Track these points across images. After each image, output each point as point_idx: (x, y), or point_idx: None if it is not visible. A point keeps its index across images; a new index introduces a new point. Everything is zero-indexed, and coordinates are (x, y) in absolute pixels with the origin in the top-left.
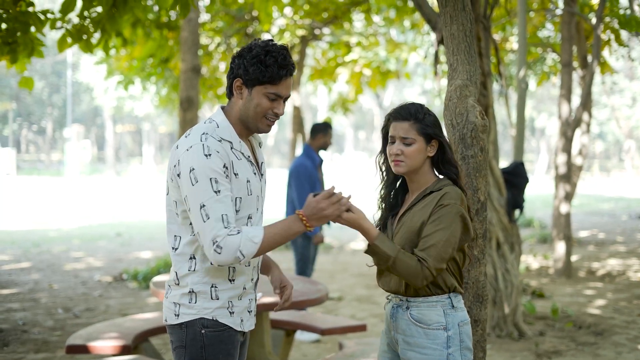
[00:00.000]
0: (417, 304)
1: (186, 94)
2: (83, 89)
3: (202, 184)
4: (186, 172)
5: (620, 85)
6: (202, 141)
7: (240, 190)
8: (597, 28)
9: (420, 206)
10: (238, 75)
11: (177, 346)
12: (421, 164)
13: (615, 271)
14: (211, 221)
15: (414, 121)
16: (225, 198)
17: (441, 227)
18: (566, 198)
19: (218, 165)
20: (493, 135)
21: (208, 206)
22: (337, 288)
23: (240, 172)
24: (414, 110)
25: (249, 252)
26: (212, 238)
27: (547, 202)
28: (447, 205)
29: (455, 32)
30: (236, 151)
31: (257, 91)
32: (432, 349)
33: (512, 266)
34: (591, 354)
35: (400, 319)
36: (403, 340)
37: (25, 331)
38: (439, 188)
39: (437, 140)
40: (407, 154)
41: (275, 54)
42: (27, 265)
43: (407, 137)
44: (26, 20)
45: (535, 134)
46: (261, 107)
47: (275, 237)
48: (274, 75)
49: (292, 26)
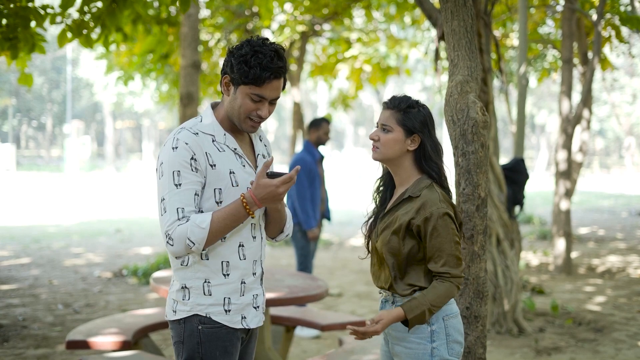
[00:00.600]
0: (401, 299)
1: (186, 90)
2: (83, 85)
3: (165, 177)
4: (158, 166)
5: (620, 82)
6: (175, 134)
7: (220, 181)
8: (597, 25)
9: (401, 212)
10: (226, 72)
11: (176, 341)
12: (398, 154)
13: (615, 268)
14: (167, 214)
15: (396, 110)
16: (186, 191)
17: (441, 237)
18: (566, 195)
19: (183, 158)
20: (493, 131)
21: (167, 199)
22: (337, 284)
23: (219, 163)
24: (399, 101)
25: (197, 239)
26: (166, 231)
27: (547, 199)
28: (431, 215)
29: (456, 28)
30: (218, 144)
31: (241, 91)
32: (416, 343)
33: (512, 262)
34: (591, 350)
35: None
36: (391, 334)
37: (25, 327)
38: (417, 194)
39: (419, 135)
40: (382, 140)
41: (262, 56)
42: (27, 261)
43: (385, 124)
44: (26, 15)
45: (535, 130)
46: (244, 107)
47: (225, 221)
48: (257, 77)
49: (292, 22)
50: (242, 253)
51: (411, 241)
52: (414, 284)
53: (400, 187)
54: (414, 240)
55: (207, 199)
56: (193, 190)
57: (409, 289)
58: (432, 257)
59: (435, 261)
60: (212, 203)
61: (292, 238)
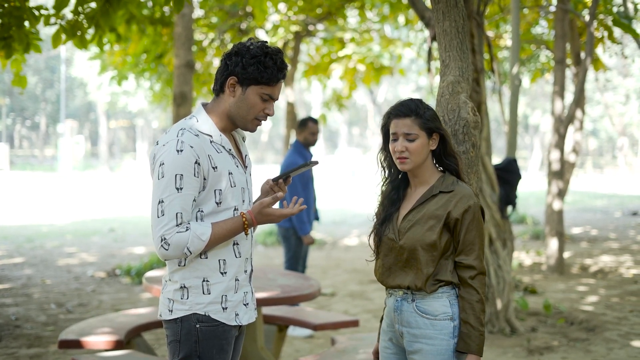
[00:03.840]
0: (422, 296)
1: (180, 90)
2: (77, 85)
3: (167, 179)
4: (157, 166)
5: (613, 82)
6: (178, 137)
7: (220, 182)
8: (590, 25)
9: (433, 207)
10: (234, 73)
11: (172, 340)
12: (425, 158)
13: (608, 268)
14: (164, 218)
15: (415, 117)
16: (187, 196)
17: (475, 230)
18: (559, 195)
19: (188, 162)
20: (486, 132)
21: (166, 202)
22: (330, 284)
23: (219, 164)
24: (414, 106)
25: (195, 249)
26: (162, 234)
27: (540, 199)
28: (469, 208)
29: (447, 29)
30: (216, 144)
31: (252, 90)
32: (440, 339)
33: (504, 262)
34: (583, 349)
35: (405, 312)
36: (408, 332)
37: (17, 326)
38: (449, 189)
39: (437, 133)
40: (411, 150)
41: (275, 57)
42: (20, 260)
43: (410, 132)
44: (20, 15)
45: (529, 130)
46: (256, 107)
47: (222, 235)
48: (272, 77)
49: (286, 22)
50: (237, 251)
51: (447, 235)
52: (440, 279)
53: (420, 187)
54: (448, 234)
55: (207, 200)
56: (192, 196)
57: (436, 284)
58: (463, 250)
59: (467, 254)
60: (213, 204)
61: (285, 240)
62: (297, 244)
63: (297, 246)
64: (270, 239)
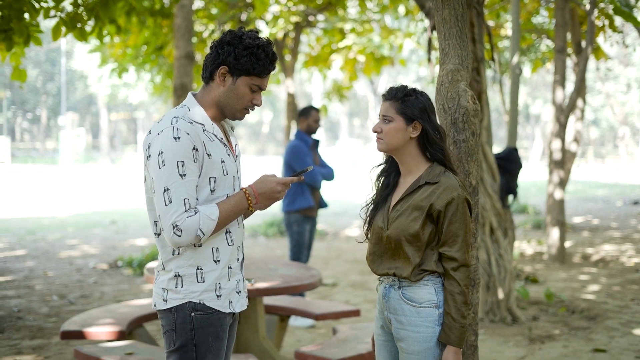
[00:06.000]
0: (408, 284)
1: (180, 81)
2: (77, 77)
3: (169, 167)
4: (155, 155)
5: (614, 71)
6: (173, 124)
7: (214, 170)
8: (591, 14)
9: (418, 199)
10: (226, 62)
11: (167, 330)
12: (402, 143)
13: (609, 257)
14: (173, 205)
15: (394, 100)
16: (191, 182)
17: (459, 222)
18: (560, 184)
19: (187, 148)
20: (486, 121)
21: (172, 190)
22: (332, 274)
23: (213, 152)
24: (396, 90)
25: (207, 230)
26: (173, 222)
27: (541, 189)
28: (452, 200)
29: (446, 17)
30: (208, 133)
31: (242, 81)
32: (424, 326)
33: (505, 251)
34: (584, 338)
35: (392, 299)
36: (395, 319)
37: (20, 318)
38: (434, 180)
39: (419, 122)
40: (384, 131)
41: (266, 49)
42: (22, 252)
43: (386, 115)
44: (20, 8)
45: (530, 120)
46: (245, 97)
47: (230, 213)
48: (264, 68)
49: (286, 13)
50: (229, 239)
51: (430, 226)
52: (425, 269)
53: (408, 176)
54: (432, 225)
55: (202, 188)
56: (195, 182)
57: (421, 273)
58: (446, 242)
59: (450, 245)
60: (207, 192)
61: (288, 228)
62: (299, 232)
63: (300, 234)
64: (272, 230)
